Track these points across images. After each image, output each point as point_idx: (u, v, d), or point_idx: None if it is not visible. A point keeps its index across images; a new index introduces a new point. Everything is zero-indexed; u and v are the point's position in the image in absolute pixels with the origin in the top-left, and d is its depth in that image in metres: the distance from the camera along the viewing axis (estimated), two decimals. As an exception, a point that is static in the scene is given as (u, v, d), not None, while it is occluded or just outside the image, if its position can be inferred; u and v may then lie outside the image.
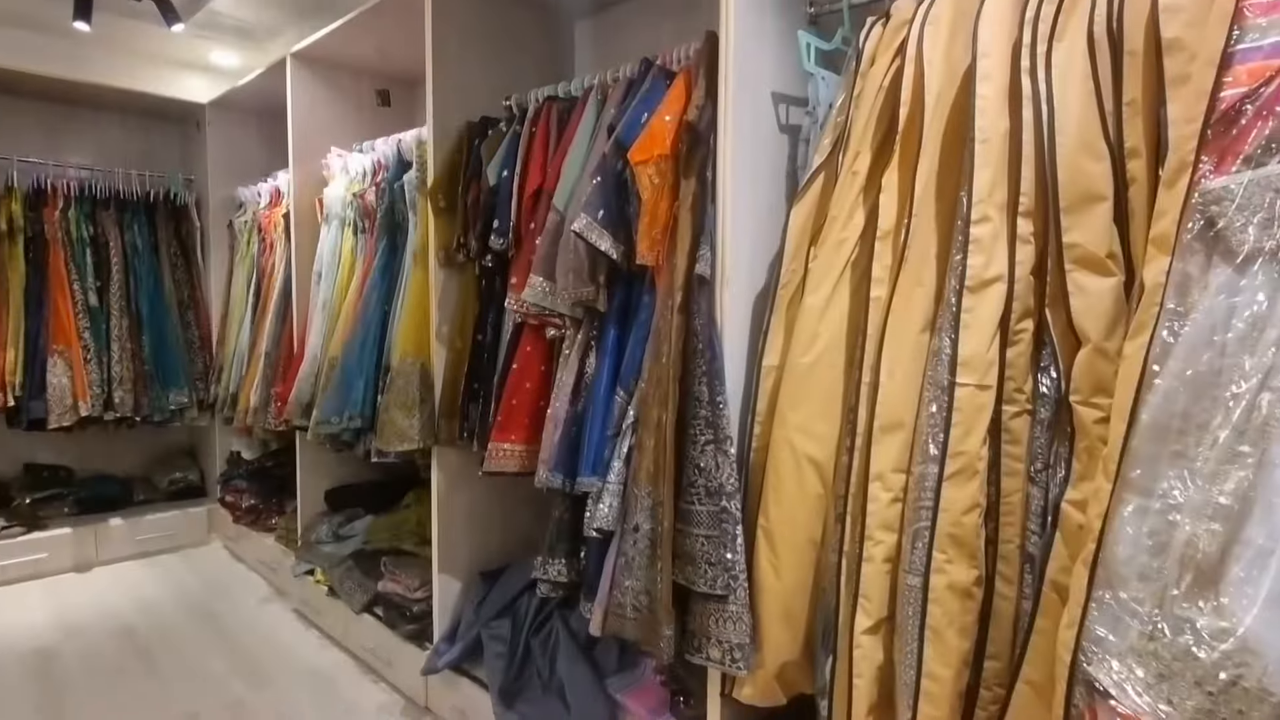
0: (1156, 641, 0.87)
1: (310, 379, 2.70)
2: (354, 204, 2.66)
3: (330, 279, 2.74)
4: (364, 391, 2.35)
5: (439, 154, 2.18)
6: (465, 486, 2.29)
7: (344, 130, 2.99)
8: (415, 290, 2.26)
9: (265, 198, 3.34)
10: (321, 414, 2.38)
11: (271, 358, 3.03)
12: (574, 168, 1.75)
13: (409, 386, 2.18)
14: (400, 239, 2.44)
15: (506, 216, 1.91)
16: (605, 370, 1.64)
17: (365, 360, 2.37)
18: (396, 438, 2.18)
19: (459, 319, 2.20)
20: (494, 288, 2.13)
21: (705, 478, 1.39)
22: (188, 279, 3.68)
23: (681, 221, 1.49)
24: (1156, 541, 0.89)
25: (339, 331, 2.57)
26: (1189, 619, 0.85)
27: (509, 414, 1.93)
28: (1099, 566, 0.93)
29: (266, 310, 3.16)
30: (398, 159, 2.48)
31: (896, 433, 1.20)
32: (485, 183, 2.01)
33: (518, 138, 1.97)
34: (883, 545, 1.20)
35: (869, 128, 1.29)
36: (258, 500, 3.39)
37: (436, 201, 2.16)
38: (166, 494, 3.76)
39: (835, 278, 1.30)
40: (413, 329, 2.24)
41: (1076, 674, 0.93)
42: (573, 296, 1.66)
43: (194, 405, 3.60)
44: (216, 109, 3.61)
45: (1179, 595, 0.87)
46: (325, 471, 3.06)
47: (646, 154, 1.51)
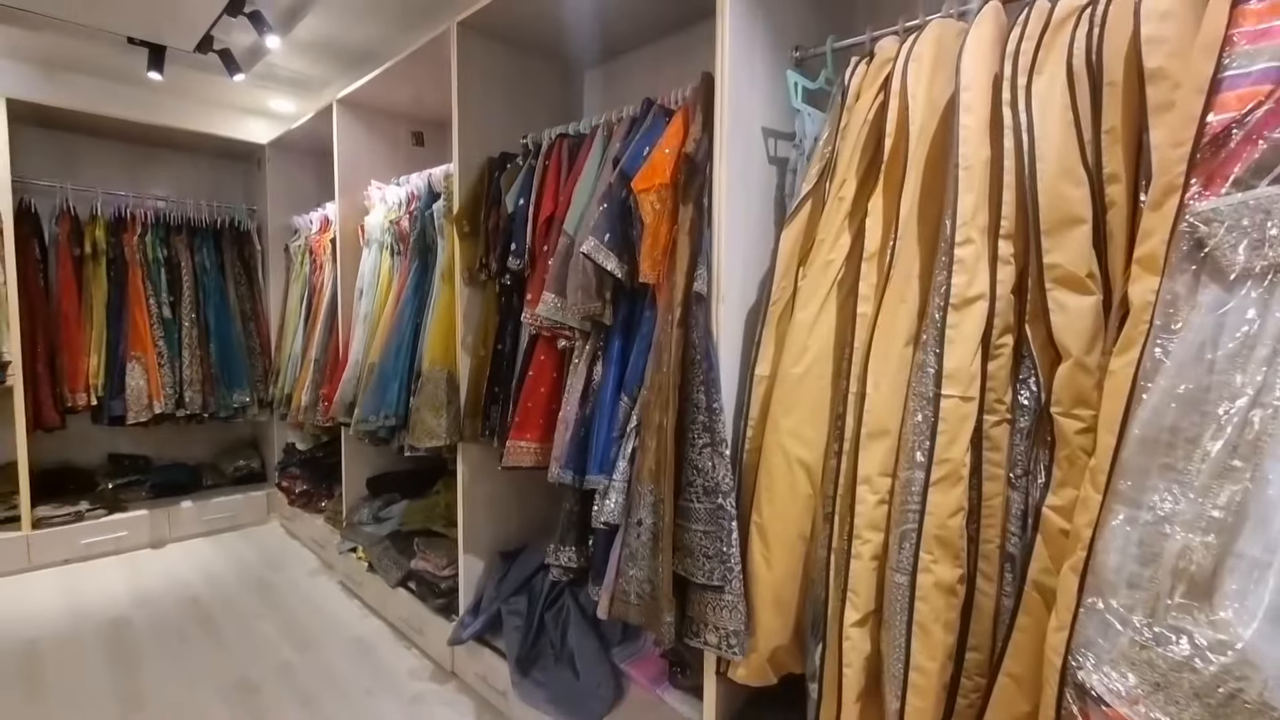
0: (1149, 650, 0.74)
1: (352, 382, 2.55)
2: (391, 230, 2.51)
3: (370, 295, 2.60)
4: (398, 394, 2.21)
5: (464, 186, 2.04)
6: (486, 478, 2.16)
7: (382, 166, 2.85)
8: (443, 305, 2.12)
9: (316, 225, 3.19)
10: (361, 413, 2.23)
11: (320, 363, 2.88)
12: (583, 196, 1.62)
13: (437, 390, 2.05)
14: (430, 260, 2.30)
15: (523, 240, 1.78)
16: (611, 378, 1.50)
17: (399, 366, 2.23)
18: (426, 435, 2.04)
19: (481, 331, 2.06)
20: (512, 303, 1.99)
21: (703, 477, 1.26)
22: (249, 295, 3.53)
23: (680, 244, 1.36)
24: (1146, 551, 0.76)
25: (377, 341, 2.43)
26: (1184, 630, 0.72)
27: (525, 415, 1.79)
28: (1089, 574, 0.80)
29: (316, 322, 3.01)
30: (428, 190, 2.34)
31: (882, 439, 1.07)
32: (504, 210, 1.87)
33: (532, 170, 1.83)
34: (870, 544, 1.07)
35: (854, 157, 1.15)
36: (309, 486, 3.24)
37: (461, 227, 2.03)
38: (231, 479, 3.60)
39: (823, 295, 1.17)
40: (440, 339, 2.10)
41: (1067, 677, 0.80)
42: (582, 311, 1.53)
43: (254, 403, 3.45)
44: (275, 148, 3.46)
45: (1172, 605, 0.74)
46: (367, 461, 2.91)
47: (648, 183, 1.38)
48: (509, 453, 1.79)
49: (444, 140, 3.05)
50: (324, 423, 2.78)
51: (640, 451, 1.37)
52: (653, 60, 2.13)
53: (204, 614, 2.56)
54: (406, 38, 2.74)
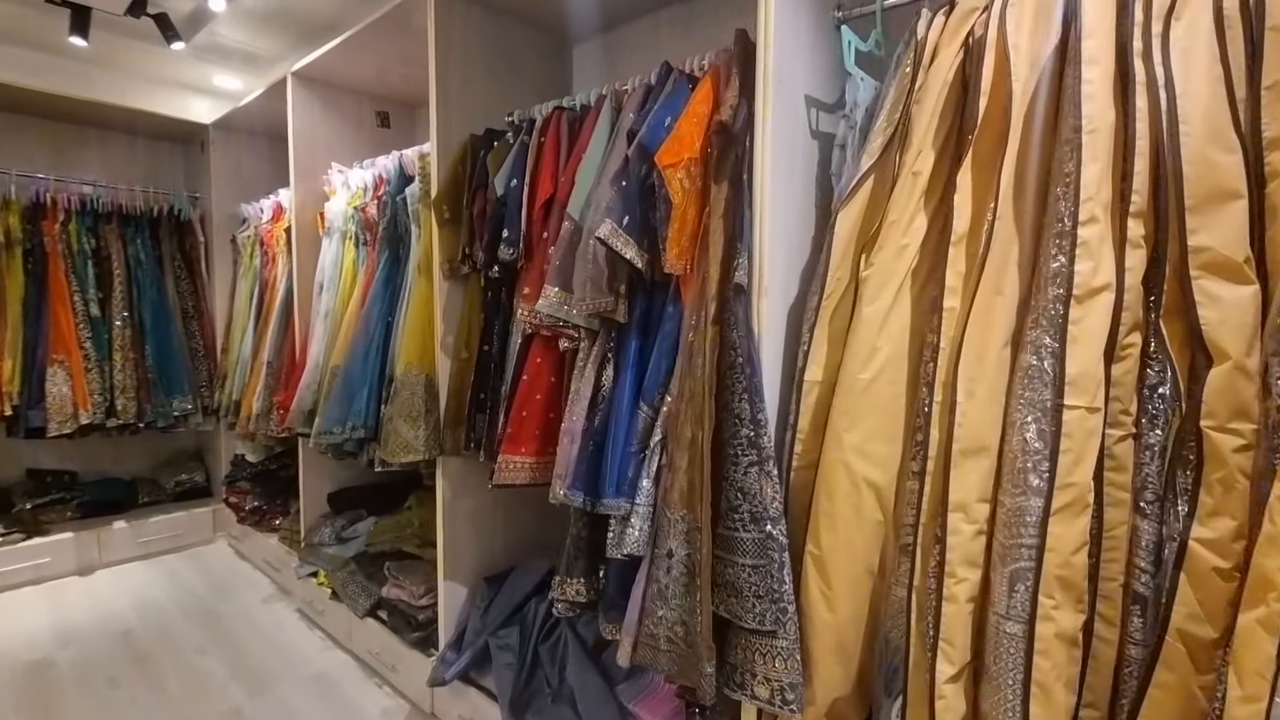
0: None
1: (312, 388, 2.28)
2: (355, 218, 2.25)
3: (332, 290, 2.33)
4: (367, 402, 1.96)
5: (442, 167, 1.80)
6: (468, 493, 1.93)
7: (344, 148, 2.57)
8: (418, 302, 1.88)
9: (267, 213, 2.89)
10: (324, 423, 1.97)
11: (274, 366, 2.59)
12: (588, 175, 1.41)
13: (414, 398, 1.80)
14: (402, 251, 2.05)
15: (516, 226, 1.55)
16: (626, 384, 1.30)
17: (368, 370, 1.98)
18: (401, 449, 1.79)
19: (464, 330, 1.83)
20: (500, 299, 1.76)
21: (749, 502, 1.07)
22: (191, 290, 3.19)
23: (713, 228, 1.16)
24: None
25: (341, 342, 2.17)
26: None
27: (518, 426, 1.57)
28: (1292, 633, 0.63)
29: (269, 320, 2.71)
30: (399, 173, 2.09)
31: (979, 458, 0.89)
32: (492, 193, 1.65)
33: (526, 148, 1.61)
34: (966, 583, 0.89)
35: (932, 125, 0.98)
36: (262, 501, 2.93)
37: (440, 213, 1.79)
38: (172, 495, 3.25)
39: (896, 287, 0.99)
40: (416, 340, 1.86)
41: (1266, 763, 0.63)
42: (591, 307, 1.32)
43: (198, 411, 3.11)
44: (220, 129, 3.13)
45: None
46: (328, 474, 2.63)
47: (675, 157, 1.18)
48: (501, 470, 1.57)
49: (411, 122, 2.80)
50: (279, 433, 2.49)
51: (668, 471, 1.17)
52: (650, 33, 1.93)
53: (139, 652, 2.24)
54: (369, 7, 2.47)
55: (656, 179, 1.20)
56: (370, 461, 1.97)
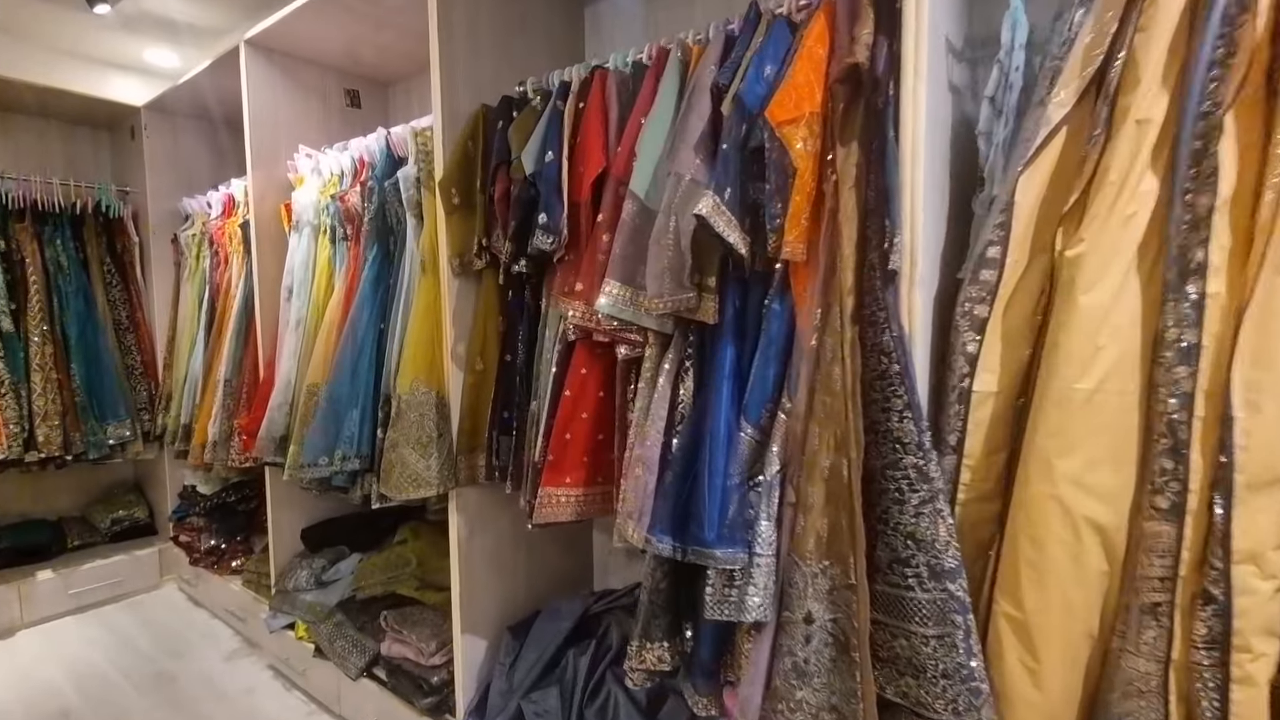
0: None
1: (283, 409, 1.93)
2: (331, 209, 1.92)
3: (304, 295, 1.98)
4: (360, 425, 1.63)
5: (448, 143, 1.50)
6: (486, 529, 1.63)
7: (310, 130, 2.22)
8: (423, 305, 1.57)
9: (217, 207, 2.50)
10: (306, 454, 1.64)
11: (232, 385, 2.22)
12: (654, 145, 1.14)
13: (424, 421, 1.50)
14: (395, 245, 1.74)
15: (556, 210, 1.27)
16: (722, 400, 1.04)
17: (359, 388, 1.66)
18: (409, 483, 1.48)
19: (478, 337, 1.53)
20: (524, 298, 1.48)
21: (925, 551, 0.82)
22: (125, 298, 2.75)
23: (845, 201, 0.92)
24: None
25: (319, 354, 1.83)
26: None
27: (562, 452, 1.30)
28: None
29: (223, 331, 2.33)
30: (386, 155, 1.77)
31: (1275, 492, 0.67)
32: (517, 172, 1.36)
33: (559, 115, 1.33)
34: (1265, 660, 0.67)
35: (1165, 58, 0.76)
36: (219, 540, 2.54)
37: (449, 199, 1.49)
38: (109, 536, 2.80)
39: (1123, 268, 0.77)
40: (423, 351, 1.55)
41: None
42: (669, 305, 1.05)
43: (138, 438, 2.68)
44: (155, 112, 2.71)
45: None
46: (299, 506, 2.27)
47: (794, 110, 0.93)
48: (542, 505, 1.29)
49: (385, 102, 2.47)
50: (242, 463, 2.13)
51: (798, 511, 0.92)
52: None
53: (78, 736, 1.86)
54: (338, -35, 2.13)
55: (767, 141, 0.95)
56: (366, 498, 1.65)
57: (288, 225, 2.10)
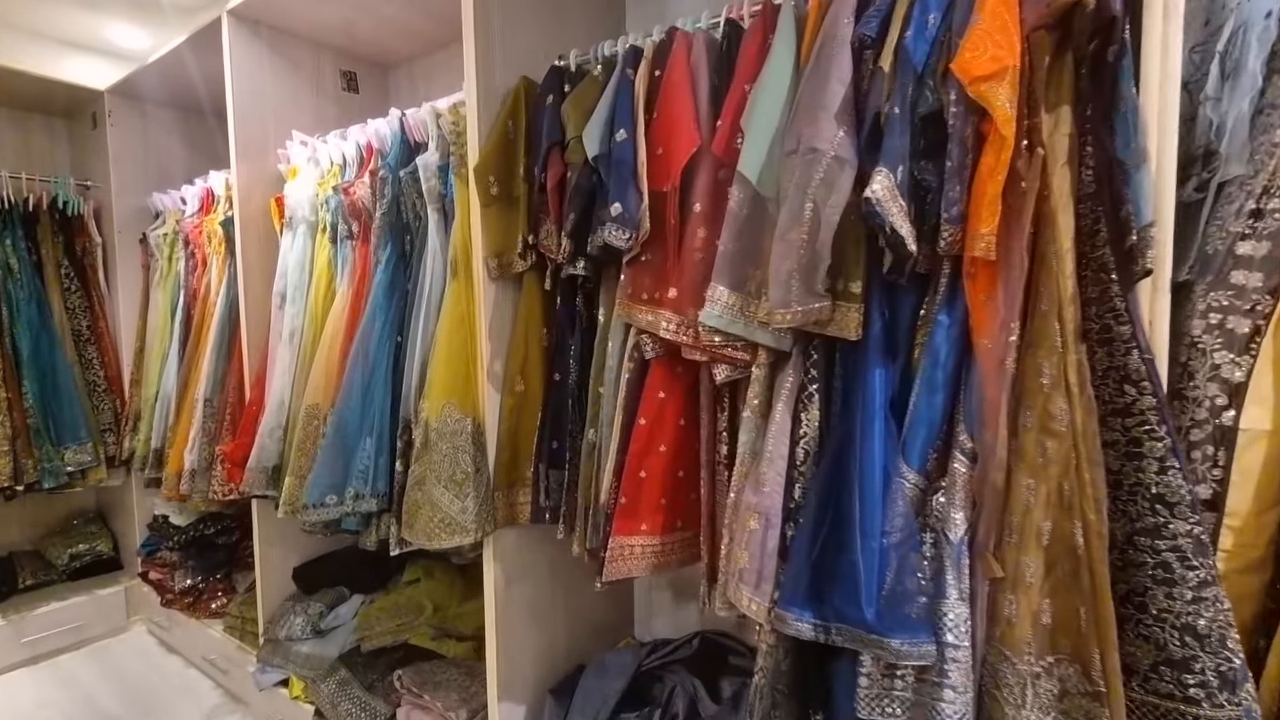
0: None
1: (276, 434, 1.66)
2: (331, 203, 1.65)
3: (300, 301, 1.71)
4: (375, 458, 1.37)
5: (483, 123, 1.26)
6: (525, 576, 1.39)
7: (301, 116, 1.95)
8: (453, 315, 1.32)
9: (193, 203, 2.20)
10: (311, 492, 1.37)
11: (213, 405, 1.93)
12: (768, 116, 0.91)
13: (458, 454, 1.24)
14: (414, 245, 1.48)
15: (632, 198, 1.04)
16: (873, 436, 0.81)
17: (372, 413, 1.39)
18: (442, 527, 1.23)
19: (519, 352, 1.29)
20: (574, 306, 1.25)
21: (1213, 652, 0.61)
22: (86, 306, 2.43)
23: (1055, 182, 0.70)
24: None
25: (320, 371, 1.56)
26: None
27: (636, 492, 1.06)
28: None
29: (202, 343, 2.04)
30: (401, 140, 1.51)
31: None
32: (576, 155, 1.12)
33: (628, 86, 1.09)
34: None
35: None
36: (197, 578, 2.24)
37: (486, 188, 1.24)
38: (67, 573, 2.47)
39: None
40: (456, 369, 1.30)
41: None
42: (798, 317, 0.83)
43: (101, 463, 2.36)
44: (120, 97, 2.40)
45: None
46: (291, 541, 1.99)
47: (993, 64, 0.70)
48: (615, 558, 1.06)
49: (384, 86, 2.21)
50: (225, 496, 1.84)
51: (1008, 589, 0.70)
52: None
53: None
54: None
55: (952, 105, 0.73)
56: (383, 543, 1.38)
57: (279, 223, 1.83)
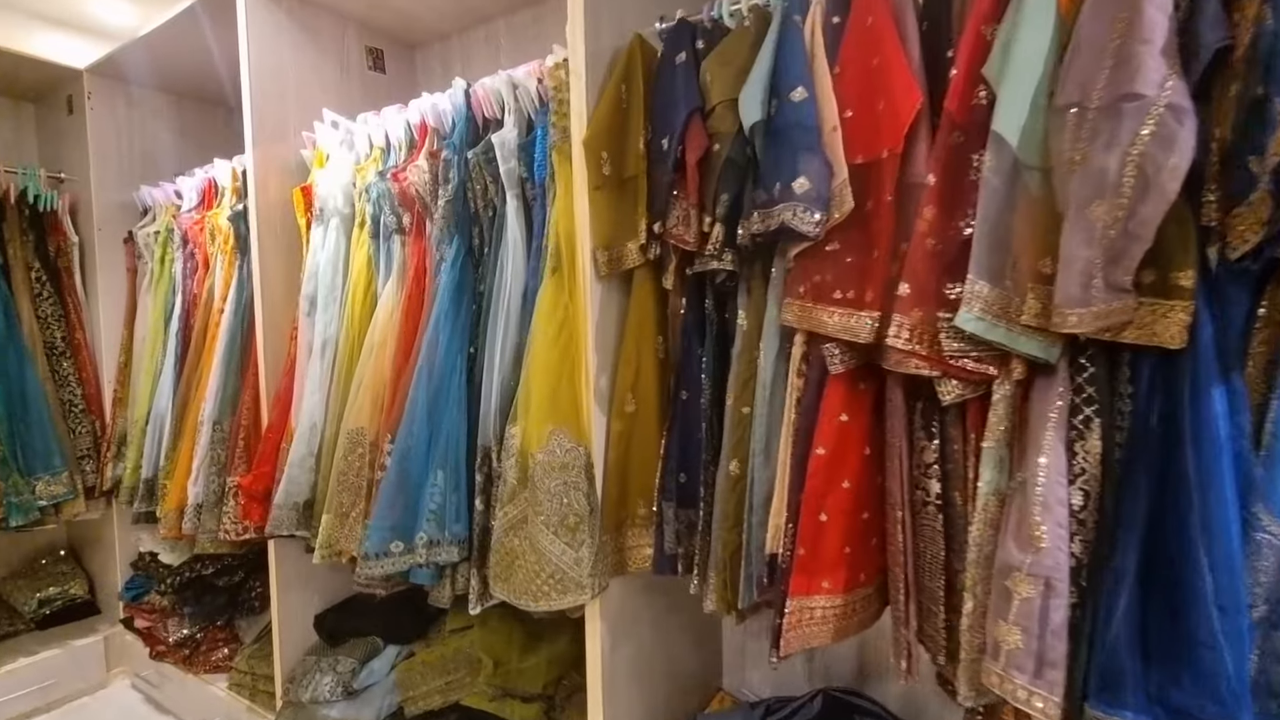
0: None
1: (307, 463, 1.39)
2: (373, 192, 1.40)
3: (334, 307, 1.45)
4: (446, 494, 1.11)
5: (591, 89, 1.03)
6: (629, 633, 1.15)
7: (323, 97, 1.69)
8: (551, 320, 1.07)
9: (191, 196, 1.91)
10: (371, 540, 1.10)
11: (223, 429, 1.64)
12: (1029, 61, 0.70)
13: (570, 491, 1.00)
14: (486, 239, 1.24)
15: (821, 172, 0.82)
16: (1219, 479, 0.61)
17: (441, 440, 1.14)
18: (553, 584, 0.98)
19: (630, 366, 1.06)
20: (703, 309, 1.02)
21: None
22: (60, 315, 2.10)
23: None
24: None
25: (365, 390, 1.30)
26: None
27: (816, 540, 0.85)
28: None
29: (206, 357, 1.74)
30: (466, 116, 1.27)
31: None
32: (724, 123, 0.90)
33: (799, 35, 0.88)
34: None
35: None
36: (194, 626, 1.93)
37: (597, 166, 1.02)
38: (35, 621, 2.13)
39: None
40: (554, 387, 1.05)
41: None
42: (1096, 319, 0.62)
43: (78, 495, 2.03)
44: (101, 79, 2.09)
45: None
46: (312, 583, 1.71)
47: None
48: (795, 624, 0.84)
49: (412, 67, 1.96)
50: (240, 535, 1.55)
51: None
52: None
53: None
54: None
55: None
56: (460, 598, 1.13)
57: (303, 216, 1.56)
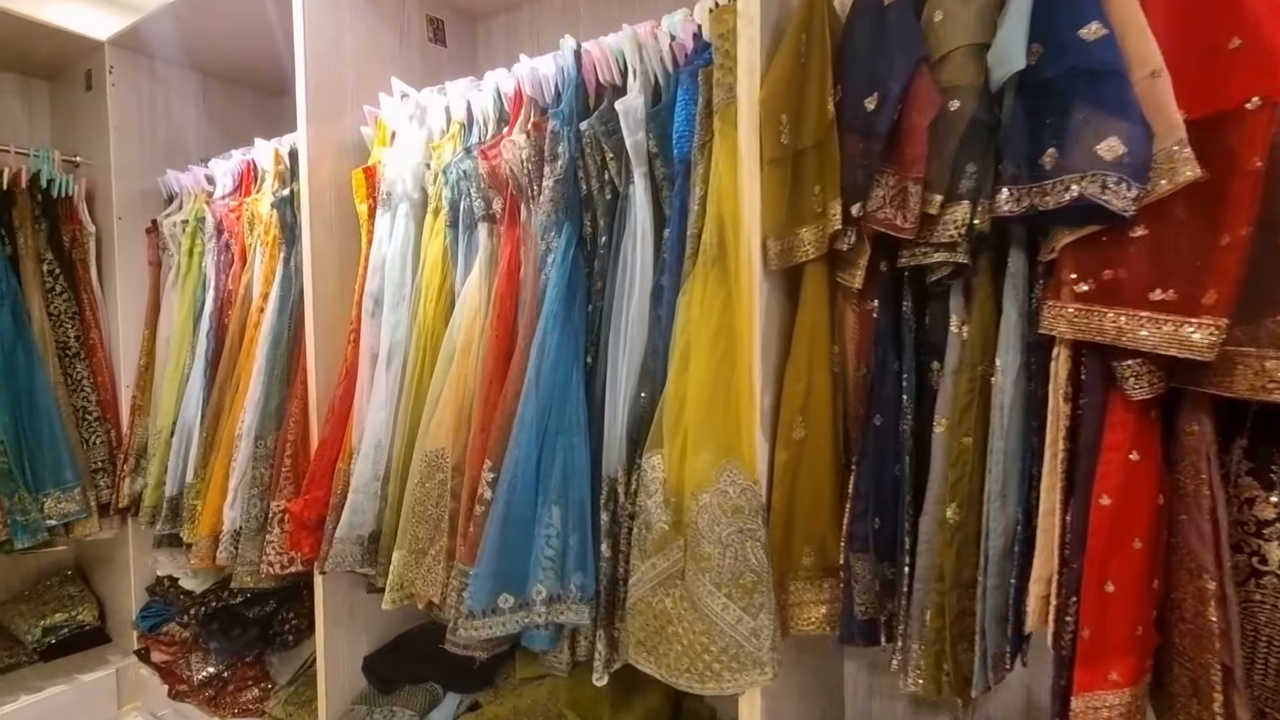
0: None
1: (372, 488, 1.18)
2: (453, 174, 1.18)
3: (403, 307, 1.23)
4: (565, 537, 0.90)
5: (765, 41, 0.82)
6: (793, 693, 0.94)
7: (382, 70, 1.47)
8: (708, 325, 0.86)
9: (225, 181, 1.69)
10: (476, 594, 0.88)
11: (266, 445, 1.41)
12: None
13: (746, 542, 0.78)
14: (602, 225, 1.02)
15: (1136, 130, 0.61)
16: None
17: (559, 472, 0.91)
18: (728, 661, 0.76)
19: (801, 382, 0.85)
20: (899, 315, 0.82)
21: None
22: (74, 312, 1.87)
23: None
24: None
25: (446, 404, 1.09)
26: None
27: (1101, 618, 0.64)
28: None
29: (243, 360, 1.52)
30: (576, 83, 1.06)
31: None
32: (968, 73, 0.70)
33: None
34: None
35: None
36: (220, 664, 1.70)
37: (775, 133, 0.81)
38: (40, 650, 1.89)
39: None
40: (717, 408, 0.84)
41: None
42: None
43: (91, 513, 1.80)
44: (124, 52, 1.87)
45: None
46: (360, 619, 1.49)
47: None
48: None
49: (472, 39, 1.75)
50: (284, 569, 1.33)
51: None
52: None
53: None
54: None
55: None
56: (576, 663, 0.91)
57: (364, 202, 1.34)
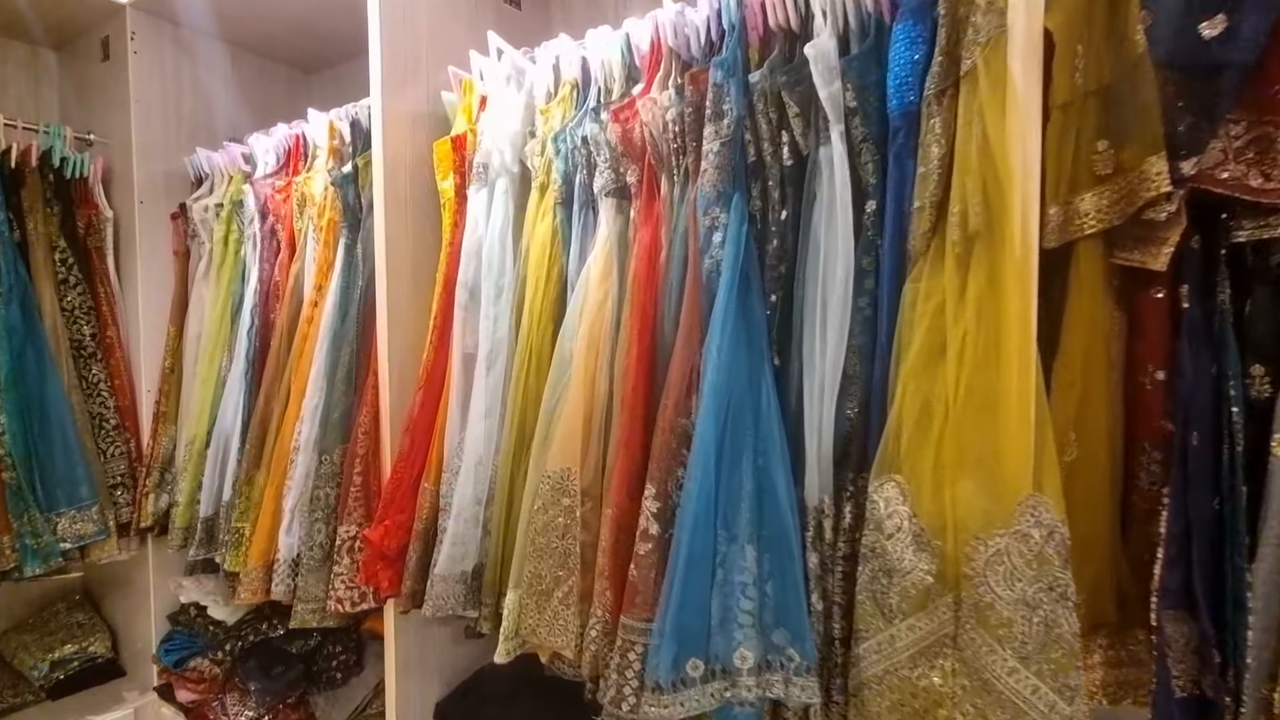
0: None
1: (475, 515, 0.97)
2: (564, 144, 0.98)
3: (503, 300, 1.03)
4: (762, 582, 0.70)
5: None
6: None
7: (456, 35, 1.27)
8: (958, 313, 0.67)
9: (270, 160, 1.47)
10: (663, 661, 0.67)
11: (332, 461, 1.19)
12: None
13: (1055, 603, 0.58)
14: (775, 197, 0.82)
15: None
16: None
17: (750, 502, 0.72)
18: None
19: (1076, 388, 0.66)
20: (1214, 303, 0.62)
21: None
22: (89, 306, 1.64)
23: None
24: None
25: (576, 416, 0.88)
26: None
27: None
28: None
29: (297, 362, 1.30)
30: (738, 30, 0.86)
31: None
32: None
33: None
34: None
35: None
36: (263, 707, 1.47)
37: (1069, 69, 0.61)
38: (48, 687, 1.65)
39: None
40: (984, 419, 0.64)
41: None
42: None
43: (109, 534, 1.56)
44: (148, 17, 1.64)
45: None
46: (429, 658, 1.27)
47: None
48: None
49: (545, 7, 1.54)
50: (356, 607, 1.11)
51: None
52: None
53: None
54: None
55: None
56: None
57: (452, 178, 1.14)
